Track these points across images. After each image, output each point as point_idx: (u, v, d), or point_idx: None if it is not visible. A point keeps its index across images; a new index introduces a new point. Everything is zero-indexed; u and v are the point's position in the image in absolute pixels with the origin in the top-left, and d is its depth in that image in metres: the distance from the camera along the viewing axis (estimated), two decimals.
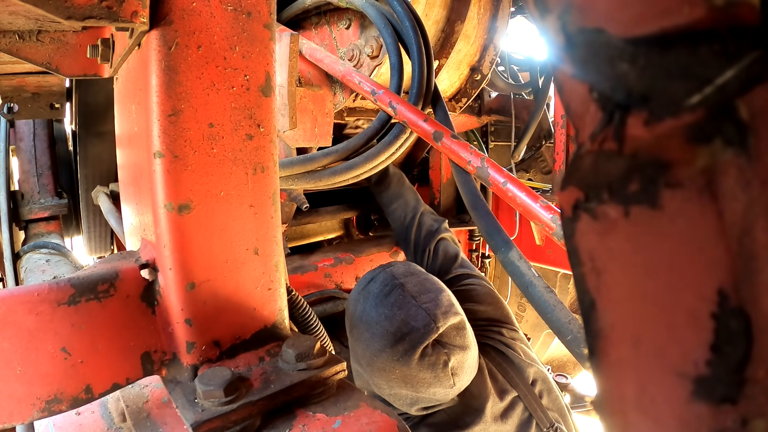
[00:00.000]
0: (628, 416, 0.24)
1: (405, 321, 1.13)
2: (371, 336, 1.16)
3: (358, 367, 1.24)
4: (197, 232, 0.61)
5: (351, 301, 1.28)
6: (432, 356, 1.10)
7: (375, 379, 1.18)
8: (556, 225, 0.77)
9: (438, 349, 1.12)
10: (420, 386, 1.12)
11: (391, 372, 1.13)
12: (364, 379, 1.23)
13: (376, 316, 1.17)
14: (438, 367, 1.11)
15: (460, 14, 1.50)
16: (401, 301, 1.16)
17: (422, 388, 1.13)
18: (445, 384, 1.12)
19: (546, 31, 0.23)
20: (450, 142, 0.93)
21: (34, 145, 1.80)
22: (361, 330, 1.20)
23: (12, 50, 0.79)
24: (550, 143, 2.18)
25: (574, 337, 0.66)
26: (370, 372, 1.18)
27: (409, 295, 1.18)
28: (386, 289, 1.20)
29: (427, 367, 1.10)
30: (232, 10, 0.61)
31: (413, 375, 1.11)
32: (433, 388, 1.12)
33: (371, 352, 1.15)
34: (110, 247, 1.95)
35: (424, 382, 1.12)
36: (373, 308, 1.18)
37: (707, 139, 0.18)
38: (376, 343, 1.14)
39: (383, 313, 1.16)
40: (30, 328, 0.55)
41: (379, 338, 1.14)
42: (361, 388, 1.25)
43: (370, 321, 1.18)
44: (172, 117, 0.58)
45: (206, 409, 0.54)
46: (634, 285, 0.22)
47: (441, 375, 1.11)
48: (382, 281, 1.23)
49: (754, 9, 0.17)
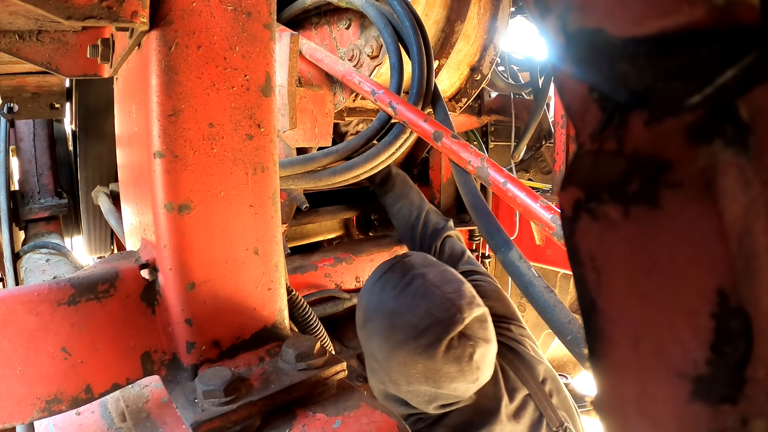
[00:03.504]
0: (628, 416, 0.24)
1: (428, 311, 1.05)
2: (391, 328, 1.07)
3: (373, 362, 1.16)
4: (197, 232, 0.61)
5: (365, 293, 1.20)
6: (458, 349, 1.04)
7: (393, 374, 1.09)
8: (556, 225, 0.77)
9: (464, 341, 1.05)
10: (443, 381, 1.05)
11: (412, 366, 1.05)
12: (379, 376, 1.15)
13: (396, 307, 1.08)
14: (463, 361, 1.04)
15: (460, 14, 1.51)
16: (424, 291, 1.08)
17: (445, 383, 1.05)
18: (468, 378, 1.06)
19: (546, 31, 0.23)
20: (450, 142, 0.93)
21: (34, 145, 1.80)
22: (378, 322, 1.11)
23: (12, 50, 0.79)
24: (550, 143, 2.17)
25: (574, 337, 0.66)
26: (388, 367, 1.09)
27: (432, 284, 1.09)
28: (406, 279, 1.12)
29: (453, 360, 1.03)
30: (232, 10, 0.61)
31: (437, 369, 1.04)
32: (455, 383, 1.05)
33: (391, 345, 1.07)
34: (110, 247, 1.95)
35: (448, 377, 1.05)
36: (392, 298, 1.10)
37: (707, 139, 0.18)
38: (396, 336, 1.06)
39: (404, 303, 1.08)
40: (30, 328, 0.55)
41: (401, 330, 1.06)
42: (373, 386, 1.21)
43: (389, 312, 1.09)
44: (172, 117, 0.58)
45: (206, 409, 0.54)
46: (634, 285, 0.22)
47: (466, 369, 1.04)
48: (401, 271, 1.15)
49: (754, 9, 0.17)
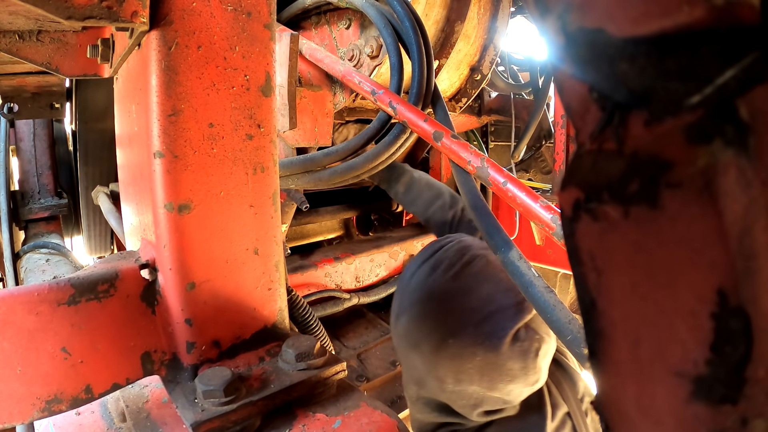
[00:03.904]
0: (628, 416, 0.24)
1: (491, 296, 0.90)
2: (445, 313, 0.92)
3: (413, 356, 0.97)
4: (197, 232, 0.61)
5: (409, 274, 1.03)
6: (525, 342, 0.88)
7: (441, 370, 0.92)
8: (556, 225, 0.77)
9: (531, 334, 0.89)
10: (500, 380, 0.89)
11: (468, 359, 0.89)
12: (418, 373, 0.98)
13: (452, 289, 0.92)
14: (529, 357, 0.89)
15: (460, 14, 1.50)
16: (487, 273, 0.93)
17: (502, 382, 0.89)
18: (530, 378, 0.90)
19: (546, 31, 0.23)
20: (450, 142, 0.93)
21: (34, 145, 1.80)
22: (427, 306, 0.95)
23: (12, 50, 0.79)
24: (550, 143, 2.17)
25: (574, 337, 0.65)
26: (435, 361, 0.92)
27: (496, 266, 0.94)
28: (465, 259, 0.96)
29: (518, 354, 0.88)
30: (232, 10, 0.61)
31: (499, 364, 0.88)
32: (513, 383, 0.90)
33: (443, 332, 0.90)
34: (110, 247, 1.95)
35: (508, 375, 0.89)
36: (447, 280, 0.93)
37: (707, 139, 0.18)
38: (451, 322, 0.90)
39: (463, 285, 0.92)
40: (30, 328, 0.55)
41: (457, 315, 0.90)
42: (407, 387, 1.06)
43: (442, 295, 0.93)
44: (172, 117, 0.58)
45: (206, 409, 0.54)
46: (634, 285, 0.22)
47: (530, 366, 0.89)
48: (458, 250, 0.99)
49: (754, 9, 0.17)
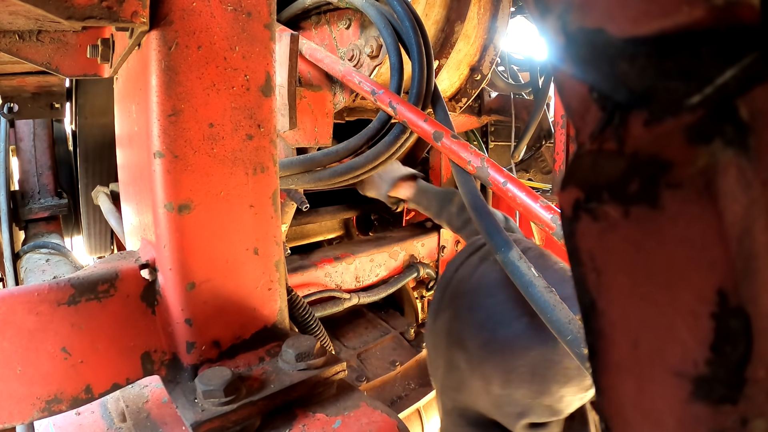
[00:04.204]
0: (628, 416, 0.24)
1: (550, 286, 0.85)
2: (495, 304, 0.86)
3: (458, 353, 0.91)
4: (197, 232, 0.61)
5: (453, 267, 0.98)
6: None
7: (487, 367, 0.85)
8: (556, 225, 0.77)
9: None
10: (554, 382, 0.82)
11: (520, 356, 0.82)
12: (459, 375, 0.91)
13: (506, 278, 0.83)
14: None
15: (460, 14, 1.50)
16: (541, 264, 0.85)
17: (555, 385, 0.82)
18: (585, 381, 0.82)
19: (546, 31, 0.23)
20: (450, 142, 0.93)
21: (34, 145, 1.80)
22: (476, 297, 0.88)
23: (12, 50, 0.79)
24: (550, 143, 2.17)
25: (574, 337, 0.65)
26: (483, 357, 0.86)
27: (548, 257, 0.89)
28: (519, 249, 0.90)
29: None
30: (232, 10, 0.61)
31: (555, 361, 0.80)
32: (567, 387, 0.82)
33: (492, 326, 0.84)
34: (110, 247, 1.95)
35: (564, 375, 0.81)
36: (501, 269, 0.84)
37: (707, 139, 0.18)
38: (503, 313, 0.84)
39: None
40: (30, 328, 0.55)
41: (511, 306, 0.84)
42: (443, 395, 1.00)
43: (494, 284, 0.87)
44: (172, 117, 0.58)
45: (206, 409, 0.54)
46: (634, 285, 0.22)
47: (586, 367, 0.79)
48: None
49: (754, 9, 0.17)
